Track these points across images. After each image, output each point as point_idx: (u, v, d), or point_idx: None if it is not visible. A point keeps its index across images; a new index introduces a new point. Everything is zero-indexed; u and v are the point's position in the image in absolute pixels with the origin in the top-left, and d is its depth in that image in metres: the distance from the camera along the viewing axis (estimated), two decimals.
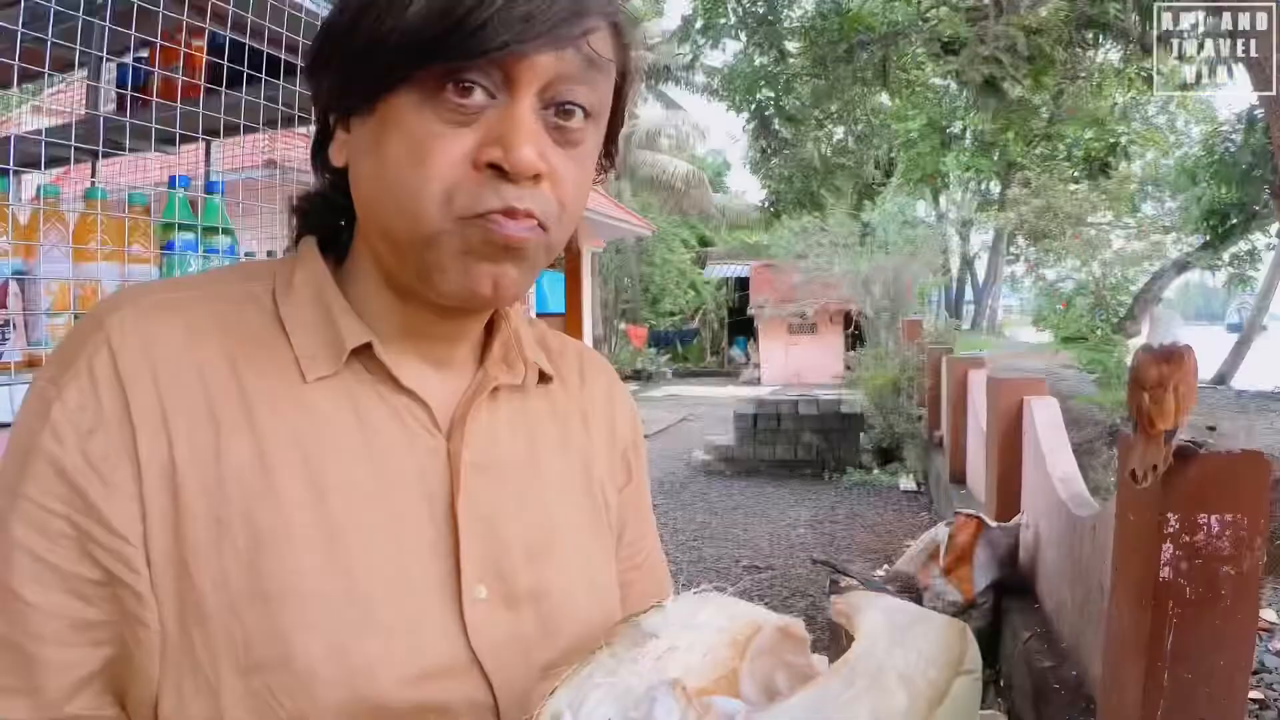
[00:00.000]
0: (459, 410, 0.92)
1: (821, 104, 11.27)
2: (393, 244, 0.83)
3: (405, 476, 0.86)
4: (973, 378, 8.39)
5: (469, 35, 0.74)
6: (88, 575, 0.75)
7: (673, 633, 0.78)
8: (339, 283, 0.90)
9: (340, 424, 0.84)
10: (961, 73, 7.66)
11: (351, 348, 0.85)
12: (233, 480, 0.78)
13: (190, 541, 0.77)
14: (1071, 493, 4.57)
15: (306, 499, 0.80)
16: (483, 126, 0.78)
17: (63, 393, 0.77)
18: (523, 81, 0.78)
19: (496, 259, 0.81)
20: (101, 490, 0.76)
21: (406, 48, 0.76)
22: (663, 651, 0.77)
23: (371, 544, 0.82)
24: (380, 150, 0.80)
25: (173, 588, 0.77)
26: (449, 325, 0.92)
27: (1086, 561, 3.95)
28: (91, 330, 0.80)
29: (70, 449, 0.76)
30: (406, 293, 0.87)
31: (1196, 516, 2.72)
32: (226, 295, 0.86)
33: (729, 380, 27.15)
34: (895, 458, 12.52)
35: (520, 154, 0.77)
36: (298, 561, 0.79)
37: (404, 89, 0.78)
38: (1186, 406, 2.59)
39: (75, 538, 0.75)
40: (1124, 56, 9.87)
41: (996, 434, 6.04)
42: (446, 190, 0.78)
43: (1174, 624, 2.80)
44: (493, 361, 0.96)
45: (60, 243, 2.07)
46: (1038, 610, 4.87)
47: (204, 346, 0.82)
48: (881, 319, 19.22)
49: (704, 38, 10.09)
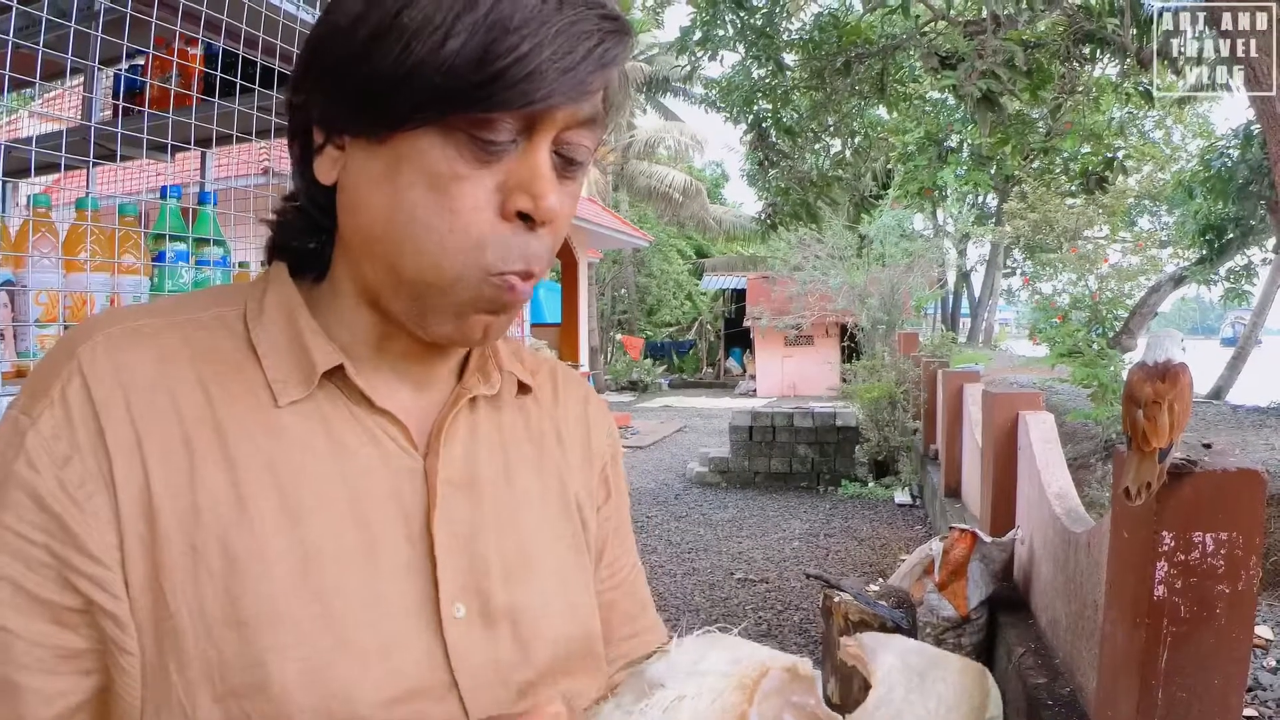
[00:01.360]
0: (435, 425, 0.92)
1: (819, 116, 11.27)
2: (396, 281, 0.83)
3: (381, 497, 0.85)
4: (968, 391, 8.39)
5: (512, 86, 0.74)
6: (68, 604, 0.75)
7: (679, 680, 0.77)
8: (312, 302, 0.90)
9: (314, 447, 0.84)
10: (959, 87, 7.66)
11: (323, 370, 0.85)
12: (207, 507, 0.78)
13: (166, 568, 0.76)
14: (1066, 508, 4.57)
15: (281, 524, 0.80)
16: (503, 170, 0.79)
17: (37, 421, 0.77)
18: (545, 129, 0.79)
19: (495, 312, 0.83)
20: (79, 517, 0.75)
21: (441, 90, 0.74)
22: (670, 702, 0.75)
23: (347, 566, 0.81)
24: (396, 185, 0.79)
25: (150, 615, 0.76)
26: (429, 352, 0.92)
27: (1081, 578, 3.95)
28: (64, 359, 0.80)
29: (46, 477, 0.75)
30: (388, 318, 0.87)
31: (1191, 534, 2.71)
32: (197, 321, 0.86)
33: (725, 392, 27.17)
34: (890, 471, 12.53)
35: (548, 204, 0.79)
36: (273, 586, 0.78)
37: (425, 127, 0.77)
38: (1181, 424, 2.58)
39: (54, 566, 0.75)
40: (1121, 71, 9.88)
41: (991, 448, 6.04)
42: (477, 242, 0.78)
43: (1168, 642, 2.80)
44: (469, 373, 0.97)
45: (50, 253, 2.06)
46: (1031, 626, 4.86)
47: (176, 373, 0.81)
48: (878, 331, 19.25)
49: (702, 50, 10.08)
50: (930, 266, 22.10)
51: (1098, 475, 7.08)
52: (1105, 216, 23.73)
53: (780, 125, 11.21)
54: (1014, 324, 36.45)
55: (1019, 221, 23.98)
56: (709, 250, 33.48)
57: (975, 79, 7.42)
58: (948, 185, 17.01)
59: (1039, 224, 23.56)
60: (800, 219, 12.15)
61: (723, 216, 31.07)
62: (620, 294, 30.12)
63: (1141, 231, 24.60)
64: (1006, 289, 30.56)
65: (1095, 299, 11.17)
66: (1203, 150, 14.61)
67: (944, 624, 5.20)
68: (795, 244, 21.74)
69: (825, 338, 24.78)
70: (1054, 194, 21.59)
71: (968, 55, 7.64)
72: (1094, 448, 8.22)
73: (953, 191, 21.35)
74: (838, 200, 12.34)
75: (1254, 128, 10.27)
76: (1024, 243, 25.96)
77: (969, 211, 26.88)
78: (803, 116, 11.42)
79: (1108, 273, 13.48)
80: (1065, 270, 14.65)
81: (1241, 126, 11.48)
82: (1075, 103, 10.54)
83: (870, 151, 13.00)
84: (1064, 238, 22.98)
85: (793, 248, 22.14)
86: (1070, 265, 14.19)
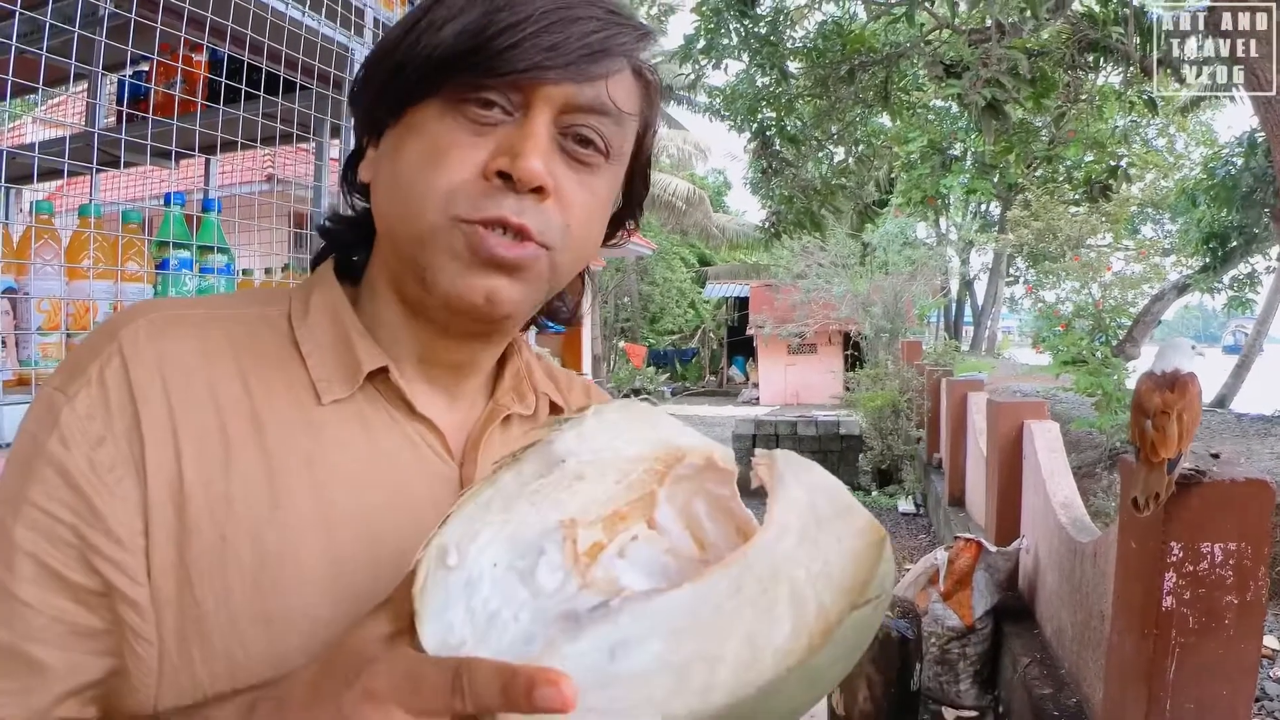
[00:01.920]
0: (471, 437, 0.92)
1: (823, 124, 11.27)
2: (395, 245, 0.85)
3: (416, 502, 0.85)
4: (972, 400, 8.38)
5: (496, 55, 0.78)
6: (89, 585, 0.74)
7: (585, 458, 0.72)
8: (356, 306, 0.91)
9: (352, 448, 0.84)
10: (964, 95, 7.65)
11: (368, 371, 0.85)
12: (240, 499, 0.78)
13: (194, 556, 0.76)
14: (1072, 518, 4.55)
15: (315, 523, 0.80)
16: (497, 139, 0.80)
17: (73, 400, 0.76)
18: (539, 105, 0.80)
19: (487, 272, 0.81)
20: (107, 499, 0.74)
21: (438, 61, 0.80)
22: (569, 482, 0.71)
23: (380, 570, 0.81)
24: (399, 154, 0.83)
25: (174, 603, 0.75)
26: (460, 352, 0.91)
27: (1087, 588, 3.93)
28: (105, 340, 0.80)
29: (78, 455, 0.75)
30: (415, 307, 0.88)
31: (1199, 545, 2.70)
32: (242, 316, 0.87)
33: (728, 400, 27.14)
34: (894, 479, 12.52)
35: (527, 163, 0.78)
36: (302, 586, 0.78)
37: (429, 100, 0.81)
38: (1190, 434, 2.57)
39: (78, 546, 0.74)
40: (1125, 79, 9.88)
41: (996, 457, 6.03)
42: (450, 191, 0.79)
43: (1176, 653, 2.78)
44: (504, 391, 0.97)
45: (53, 260, 2.05)
46: (1037, 635, 4.84)
47: (217, 364, 0.81)
48: (881, 339, 19.24)
49: (706, 57, 10.09)
50: (933, 274, 22.08)
51: (1103, 484, 7.06)
52: (1108, 224, 23.72)
53: (784, 133, 11.21)
54: (1017, 332, 36.47)
55: (1022, 229, 23.98)
56: (712, 258, 33.46)
57: (980, 87, 7.42)
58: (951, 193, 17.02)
59: (1042, 232, 23.56)
60: (804, 227, 12.15)
61: (726, 224, 31.07)
62: (623, 302, 30.08)
63: (1144, 239, 24.58)
64: (1009, 297, 30.59)
65: (1099, 307, 11.15)
66: (1206, 158, 14.60)
67: (949, 634, 5.18)
68: (799, 252, 21.72)
69: (828, 346, 24.73)
70: (1057, 202, 21.60)
71: (972, 64, 7.64)
72: (1098, 456, 8.20)
73: (956, 199, 21.36)
74: (841, 208, 12.33)
75: (1258, 135, 10.26)
76: (1027, 251, 25.96)
77: (972, 219, 26.88)
78: (806, 124, 11.43)
79: (1111, 281, 13.44)
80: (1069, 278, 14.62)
81: (1246, 134, 11.47)
82: (1079, 111, 10.54)
83: (874, 159, 13.00)
84: (1067, 246, 22.96)
85: (796, 256, 22.12)
86: (1073, 273, 14.16)
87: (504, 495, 0.69)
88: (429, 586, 0.62)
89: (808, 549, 0.64)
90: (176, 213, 2.40)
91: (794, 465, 0.73)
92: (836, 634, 0.59)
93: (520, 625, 0.61)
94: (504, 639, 0.60)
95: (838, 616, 0.60)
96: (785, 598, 0.61)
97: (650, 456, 0.75)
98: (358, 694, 0.58)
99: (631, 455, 0.75)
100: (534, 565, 0.64)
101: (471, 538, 0.65)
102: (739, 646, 0.58)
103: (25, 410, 0.80)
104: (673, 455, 0.76)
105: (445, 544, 0.64)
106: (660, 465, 0.75)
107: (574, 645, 0.58)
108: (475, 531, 0.66)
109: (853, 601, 0.60)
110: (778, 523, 0.66)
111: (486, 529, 0.66)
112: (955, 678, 5.22)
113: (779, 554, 0.63)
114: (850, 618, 0.60)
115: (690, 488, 0.75)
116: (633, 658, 0.58)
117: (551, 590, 0.63)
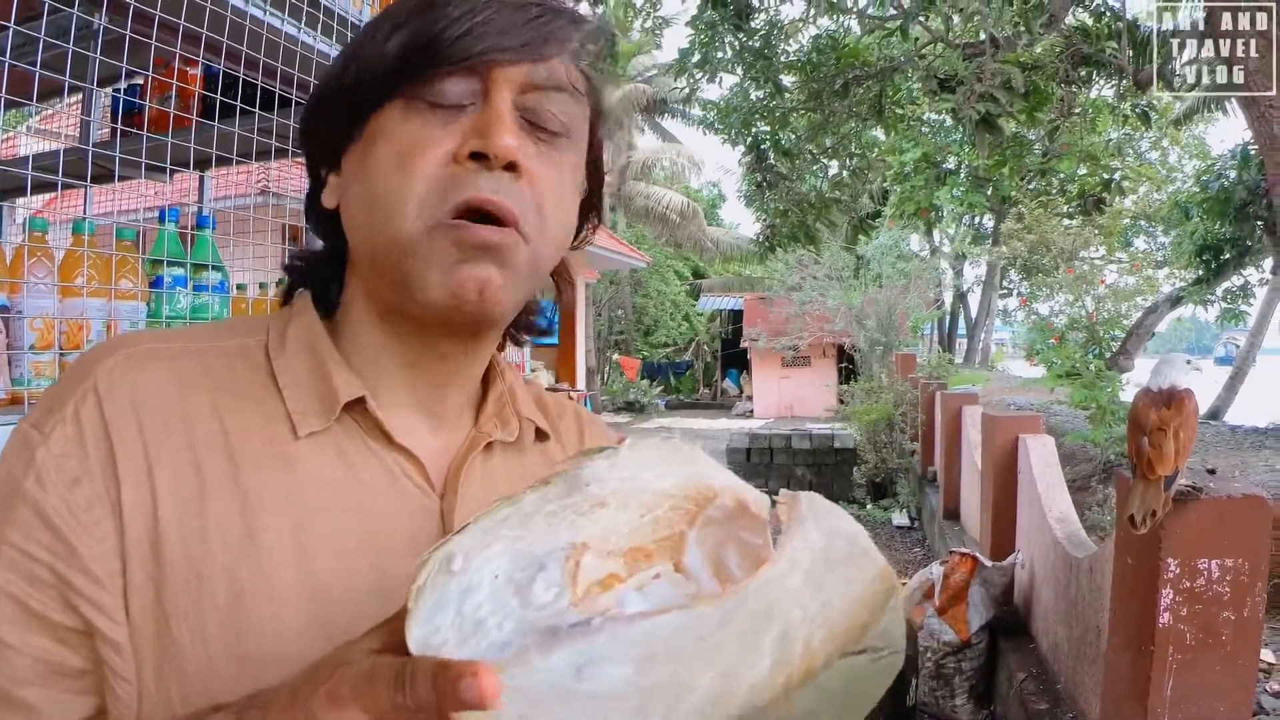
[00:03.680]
0: (453, 466, 0.90)
1: (817, 138, 11.30)
2: (374, 260, 0.84)
3: (395, 535, 0.84)
4: (967, 413, 8.38)
5: (449, 45, 0.79)
6: (69, 624, 0.73)
7: (610, 486, 0.71)
8: (332, 334, 0.89)
9: (329, 480, 0.82)
10: (958, 109, 7.68)
11: (345, 400, 0.84)
12: (216, 535, 0.76)
13: (171, 596, 0.75)
14: (1067, 532, 4.55)
15: (291, 557, 0.78)
16: (462, 126, 0.80)
17: (48, 438, 0.76)
18: (499, 86, 0.81)
19: (475, 260, 0.79)
20: (84, 539, 0.73)
21: (392, 64, 0.81)
22: (588, 507, 0.69)
23: (358, 604, 0.79)
24: (366, 164, 0.83)
25: (153, 643, 0.74)
26: (444, 364, 0.90)
27: (1083, 603, 3.92)
28: (80, 377, 0.79)
29: (53, 496, 0.74)
30: (396, 321, 0.86)
31: (1196, 562, 2.70)
32: (219, 349, 0.86)
33: (721, 412, 27.12)
34: (888, 493, 12.52)
35: (499, 138, 0.79)
36: (279, 622, 0.77)
37: (388, 105, 0.82)
38: (1186, 450, 2.57)
39: (57, 585, 0.73)
40: (1118, 93, 9.92)
41: (992, 471, 6.03)
42: (424, 193, 0.79)
43: (1173, 669, 2.78)
44: (486, 417, 0.95)
45: (46, 277, 2.03)
46: (1033, 650, 4.84)
47: (192, 399, 0.80)
48: (875, 352, 19.24)
49: (700, 71, 10.11)
50: (927, 287, 22.11)
51: (1098, 498, 7.06)
52: (1101, 237, 23.79)
53: (778, 147, 11.25)
54: (1010, 344, 36.51)
55: (1015, 242, 24.04)
56: (706, 271, 33.49)
57: (974, 101, 7.44)
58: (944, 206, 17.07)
59: (1036, 244, 23.62)
60: (799, 240, 12.18)
61: (720, 237, 31.10)
62: (617, 315, 30.11)
63: (1137, 252, 24.65)
64: (1003, 309, 30.60)
65: (1092, 319, 11.17)
66: (1200, 171, 14.64)
67: (945, 648, 5.17)
68: (793, 265, 21.74)
69: (822, 359, 24.75)
70: (1051, 215, 21.66)
71: (967, 77, 7.66)
72: (1093, 469, 8.20)
73: (949, 212, 21.41)
74: (836, 222, 12.36)
75: (1251, 149, 10.29)
76: (1021, 263, 26.03)
77: (965, 232, 26.95)
78: (801, 138, 11.46)
79: (1104, 293, 13.47)
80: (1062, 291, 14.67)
81: (1239, 147, 11.50)
82: (1072, 124, 10.58)
83: (868, 173, 13.04)
84: (1061, 258, 23.02)
85: (790, 268, 22.14)
86: (1067, 286, 14.20)
87: (522, 513, 0.69)
88: (427, 588, 0.61)
89: (811, 590, 0.61)
90: (171, 230, 2.39)
91: (817, 507, 0.71)
92: (821, 678, 0.57)
93: (501, 633, 0.60)
94: (481, 644, 0.59)
95: (824, 660, 0.57)
96: (774, 635, 0.58)
97: (679, 493, 0.73)
98: (323, 697, 0.59)
99: (659, 489, 0.73)
100: (531, 579, 0.63)
101: (481, 548, 0.65)
102: (713, 679, 0.56)
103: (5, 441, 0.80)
104: (704, 494, 0.74)
105: (453, 550, 0.64)
106: (690, 504, 0.73)
107: (545, 658, 0.57)
108: (486, 543, 0.65)
109: (844, 647, 0.58)
110: (787, 560, 0.64)
111: (499, 542, 0.66)
112: (951, 693, 5.21)
113: (780, 592, 0.61)
114: (839, 664, 0.58)
115: (721, 533, 0.73)
116: (600, 677, 0.56)
117: (542, 604, 0.62)
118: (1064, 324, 11.45)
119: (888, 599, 0.62)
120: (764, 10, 10.30)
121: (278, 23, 2.53)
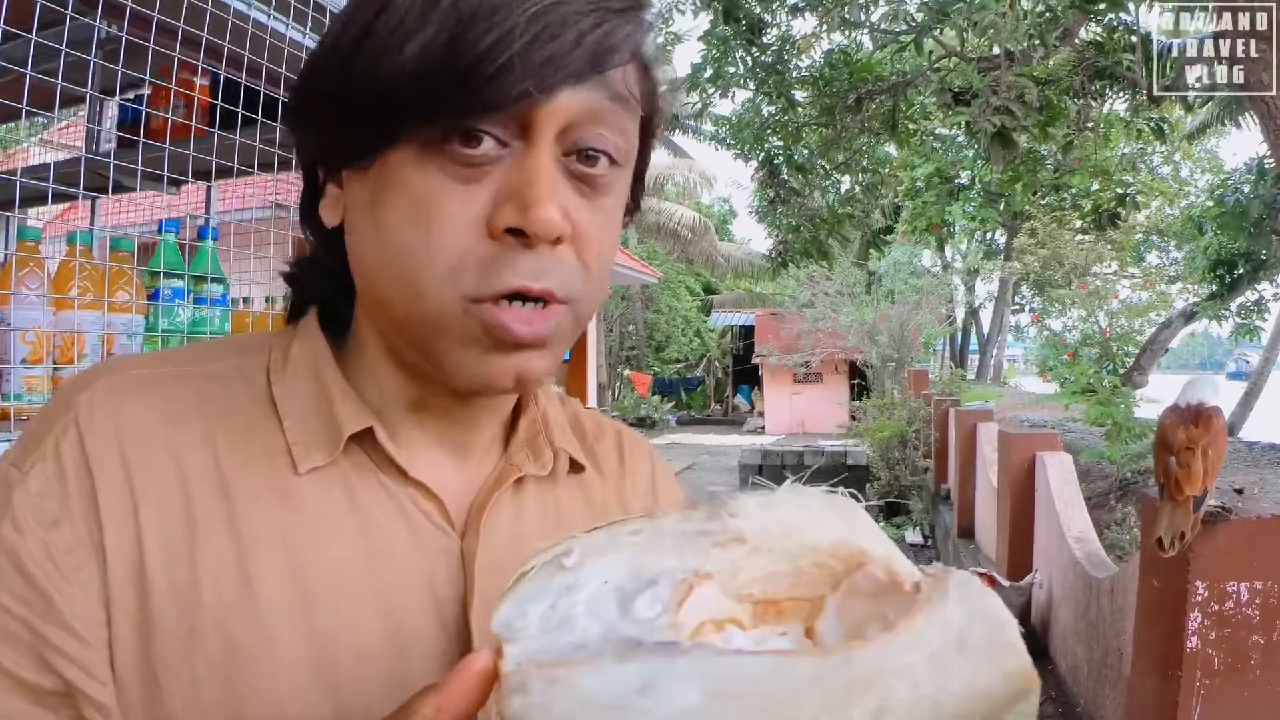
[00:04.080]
0: (477, 503, 0.81)
1: (829, 153, 11.28)
2: (396, 324, 0.73)
3: (410, 580, 0.75)
4: (981, 430, 8.32)
5: (484, 84, 0.64)
6: (47, 686, 0.65)
7: (754, 524, 0.64)
8: (342, 359, 0.80)
9: (335, 521, 0.74)
10: (973, 123, 7.64)
11: (349, 433, 0.75)
12: (209, 584, 0.68)
13: (159, 650, 0.67)
14: (1087, 552, 4.48)
15: (292, 608, 0.70)
16: (495, 181, 0.68)
17: (26, 477, 0.68)
18: (541, 127, 0.67)
19: (511, 352, 0.70)
20: (64, 589, 0.65)
21: (408, 97, 0.65)
22: (727, 539, 0.63)
23: (368, 659, 0.71)
24: (378, 212, 0.70)
25: (141, 700, 0.67)
26: (469, 409, 0.81)
27: (1104, 624, 3.85)
28: (61, 409, 0.71)
29: (30, 541, 0.66)
30: (417, 373, 0.77)
31: (1225, 584, 2.63)
32: (213, 372, 0.77)
33: (733, 429, 27.10)
34: (901, 510, 12.46)
35: (542, 214, 0.66)
36: (278, 680, 0.68)
37: (401, 143, 0.68)
38: (1215, 470, 2.50)
39: (31, 644, 0.65)
40: (1132, 107, 9.87)
41: (1008, 489, 5.97)
42: (453, 266, 0.67)
43: (1201, 695, 2.71)
44: (516, 448, 0.85)
45: (38, 289, 1.97)
46: (1051, 672, 4.76)
47: (182, 429, 0.72)
48: (887, 368, 19.22)
49: (713, 86, 10.11)
50: (939, 303, 22.08)
51: (1116, 516, 6.97)
52: (1114, 252, 23.73)
53: (791, 162, 11.23)
54: (1022, 360, 36.41)
55: (1028, 257, 23.99)
56: (717, 287, 33.50)
57: (989, 114, 7.39)
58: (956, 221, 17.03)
59: (1048, 260, 23.57)
60: (811, 256, 12.16)
61: (731, 253, 31.11)
62: (628, 330, 30.11)
63: (1150, 267, 24.58)
64: (1015, 325, 30.54)
65: (1105, 335, 11.11)
66: (1214, 185, 14.56)
67: None
68: (804, 281, 21.73)
69: (834, 375, 24.72)
70: (1063, 230, 21.60)
71: (982, 91, 7.61)
72: (1109, 486, 8.12)
73: (961, 227, 21.37)
74: (849, 237, 12.34)
75: (1267, 162, 10.22)
76: (1033, 278, 25.96)
77: (977, 247, 26.90)
78: (813, 153, 11.45)
79: (1117, 309, 13.41)
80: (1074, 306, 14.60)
81: (1254, 161, 11.41)
82: (1085, 139, 10.53)
83: (880, 188, 13.01)
84: (1073, 273, 22.96)
85: (802, 284, 22.14)
86: (1080, 301, 14.13)
87: (655, 531, 0.63)
88: (532, 575, 0.58)
89: (931, 671, 0.53)
90: (170, 240, 2.33)
91: (966, 585, 0.62)
92: None
93: (585, 635, 0.55)
94: (560, 640, 0.55)
95: None
96: (867, 708, 0.51)
97: (827, 550, 0.65)
98: None
99: (806, 541, 0.66)
100: (638, 592, 0.58)
101: (601, 553, 0.61)
102: None
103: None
104: (854, 557, 0.66)
105: (572, 548, 0.60)
106: (837, 564, 0.65)
107: (617, 666, 0.52)
108: (608, 549, 0.61)
109: None
110: (914, 633, 0.56)
111: (621, 551, 0.61)
112: None
113: (892, 664, 0.53)
114: None
115: (867, 609, 0.64)
116: (662, 698, 0.51)
117: (639, 618, 0.57)
118: (1077, 340, 11.40)
119: (1016, 702, 0.53)
120: (776, 25, 10.30)
121: (283, 28, 2.48)
